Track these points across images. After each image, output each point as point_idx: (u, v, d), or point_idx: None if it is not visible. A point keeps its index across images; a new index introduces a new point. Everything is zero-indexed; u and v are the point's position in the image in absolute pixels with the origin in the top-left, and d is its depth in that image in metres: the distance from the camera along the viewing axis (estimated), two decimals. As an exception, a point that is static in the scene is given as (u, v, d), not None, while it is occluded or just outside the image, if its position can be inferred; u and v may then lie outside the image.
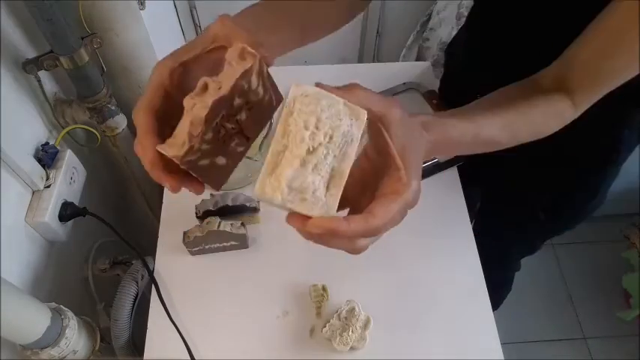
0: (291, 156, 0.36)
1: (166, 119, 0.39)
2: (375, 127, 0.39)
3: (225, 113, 0.37)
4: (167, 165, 0.38)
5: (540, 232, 0.99)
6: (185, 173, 0.38)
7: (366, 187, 0.40)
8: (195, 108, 0.35)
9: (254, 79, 0.38)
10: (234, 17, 0.45)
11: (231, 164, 0.40)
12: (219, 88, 0.35)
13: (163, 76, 0.40)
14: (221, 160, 0.39)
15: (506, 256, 1.13)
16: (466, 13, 1.36)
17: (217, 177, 0.40)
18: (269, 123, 0.82)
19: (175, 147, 0.36)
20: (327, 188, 0.37)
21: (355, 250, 0.38)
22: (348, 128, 0.37)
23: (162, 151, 0.36)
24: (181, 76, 0.41)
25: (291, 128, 0.36)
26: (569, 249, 1.74)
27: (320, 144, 0.36)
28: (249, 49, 0.37)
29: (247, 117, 0.39)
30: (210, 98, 0.35)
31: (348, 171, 0.37)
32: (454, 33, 1.40)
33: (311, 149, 0.36)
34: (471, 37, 0.85)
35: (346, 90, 0.38)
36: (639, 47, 0.46)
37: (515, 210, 0.96)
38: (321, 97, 0.37)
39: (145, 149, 0.38)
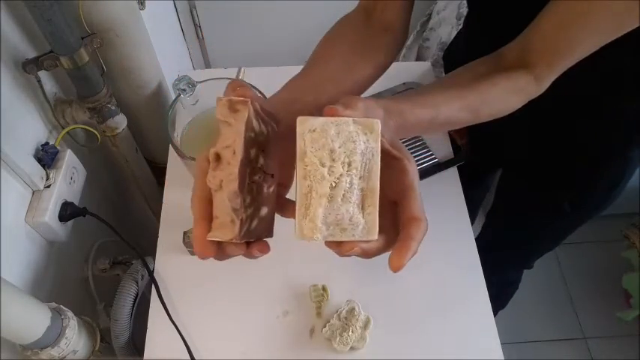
0: (317, 196, 0.36)
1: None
2: None
3: (249, 170, 0.36)
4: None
5: (565, 225, 0.98)
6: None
7: None
8: (224, 184, 0.35)
9: (255, 123, 0.37)
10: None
11: (271, 208, 0.40)
12: (234, 153, 0.35)
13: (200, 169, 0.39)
14: (264, 211, 0.39)
15: (525, 255, 1.12)
16: (466, 13, 1.36)
17: (267, 226, 0.41)
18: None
19: (226, 229, 0.35)
20: (363, 208, 0.37)
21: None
22: (365, 145, 0.37)
23: (216, 239, 0.36)
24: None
25: (309, 168, 0.36)
26: (569, 249, 1.74)
27: (341, 175, 0.36)
28: (234, 98, 0.36)
29: (264, 158, 0.39)
30: (232, 168, 0.34)
31: (378, 185, 0.38)
32: (454, 33, 1.40)
33: (333, 185, 0.36)
34: (468, 44, 0.85)
35: (348, 106, 0.38)
36: (596, 18, 0.47)
37: (538, 207, 0.95)
38: (328, 127, 0.36)
39: (196, 239, 0.37)
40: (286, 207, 0.43)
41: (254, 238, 0.38)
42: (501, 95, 0.53)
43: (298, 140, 0.36)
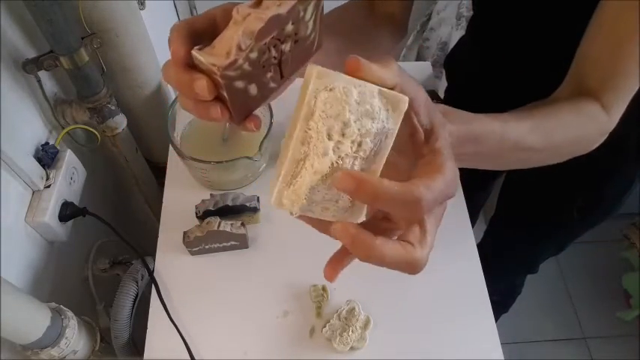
0: (311, 170, 0.30)
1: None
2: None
3: (274, 36, 0.32)
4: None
5: (572, 232, 0.96)
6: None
7: None
8: (249, 19, 0.30)
9: (310, 9, 0.33)
10: None
11: (259, 98, 0.35)
12: (279, 5, 0.31)
13: (218, 7, 0.35)
14: (253, 90, 0.34)
15: (530, 260, 1.11)
16: (466, 13, 1.36)
17: (244, 107, 0.35)
18: (270, 122, 0.82)
19: (217, 57, 0.31)
20: None
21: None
22: (382, 124, 0.31)
23: (200, 57, 0.31)
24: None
25: (311, 134, 0.30)
26: (569, 249, 1.73)
27: (346, 155, 0.31)
28: None
29: (290, 49, 0.34)
30: (268, 12, 0.30)
31: (379, 171, 0.32)
32: (454, 33, 1.40)
33: (335, 164, 0.30)
34: (472, 49, 0.84)
35: (382, 64, 0.31)
36: None
37: (545, 214, 0.94)
38: (349, 91, 0.29)
39: (176, 41, 0.32)
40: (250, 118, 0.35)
41: (228, 96, 0.33)
42: (574, 117, 0.47)
43: (307, 94, 0.29)
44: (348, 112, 0.30)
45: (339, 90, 0.29)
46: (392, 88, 0.31)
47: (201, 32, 0.34)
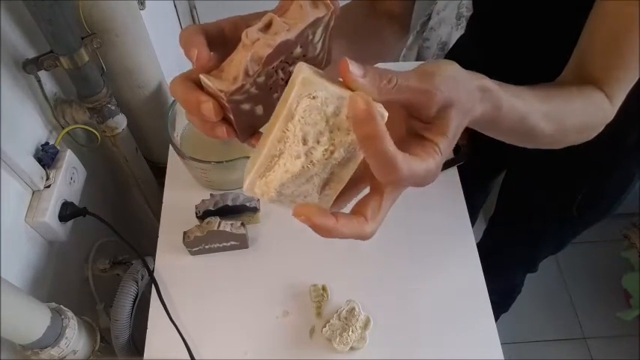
0: (284, 168, 0.32)
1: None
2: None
3: (282, 59, 0.33)
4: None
5: (571, 230, 0.96)
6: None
7: None
8: (258, 44, 0.31)
9: (319, 32, 0.33)
10: None
11: (265, 117, 0.36)
12: (288, 30, 0.31)
13: (227, 19, 0.36)
14: (259, 110, 0.35)
15: (529, 259, 1.11)
16: (466, 13, 1.36)
17: (250, 126, 0.36)
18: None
19: (224, 82, 0.32)
20: (323, 188, 0.34)
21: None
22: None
23: (208, 82, 0.32)
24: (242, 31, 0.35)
25: (289, 135, 0.31)
26: (569, 249, 1.72)
27: (318, 161, 0.32)
28: None
29: None
30: (276, 38, 0.31)
31: (348, 178, 0.34)
32: (454, 33, 1.40)
33: (306, 168, 0.32)
34: (472, 47, 0.84)
35: (386, 85, 0.31)
36: None
37: (544, 212, 0.93)
38: (329, 101, 0.30)
39: (199, 45, 0.32)
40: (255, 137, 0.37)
41: (235, 119, 0.34)
42: (585, 106, 0.47)
43: (291, 97, 0.30)
44: (325, 122, 0.31)
45: (320, 99, 0.30)
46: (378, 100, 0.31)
47: (210, 40, 0.34)
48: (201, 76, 0.32)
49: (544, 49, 0.67)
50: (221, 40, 0.35)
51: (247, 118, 0.35)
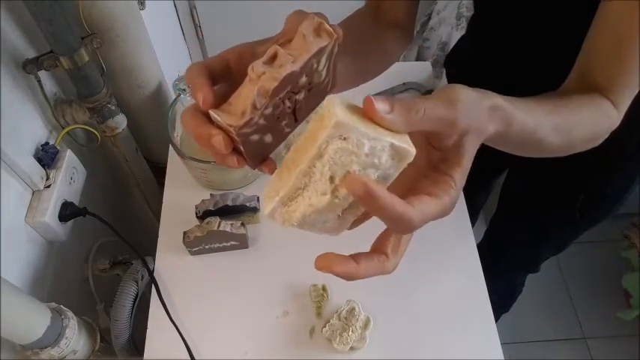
0: (308, 201, 0.32)
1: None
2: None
3: (288, 90, 0.34)
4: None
5: (573, 231, 0.96)
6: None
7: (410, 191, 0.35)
8: (264, 78, 0.32)
9: (323, 60, 0.34)
10: None
11: (274, 143, 0.37)
12: (293, 62, 0.32)
13: (232, 51, 0.37)
14: (268, 138, 0.36)
15: (530, 260, 1.11)
16: (466, 13, 1.36)
17: (259, 154, 0.37)
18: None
19: (233, 116, 0.32)
20: (342, 213, 0.34)
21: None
22: (384, 171, 0.32)
23: (217, 117, 0.32)
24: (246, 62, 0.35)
25: (315, 171, 0.31)
26: (569, 249, 1.73)
27: (343, 197, 0.32)
28: (327, 25, 0.33)
29: (304, 97, 0.36)
30: (282, 71, 0.32)
31: None
32: (454, 33, 1.40)
33: (330, 204, 0.32)
34: (472, 48, 0.84)
35: (414, 116, 0.31)
36: None
37: (545, 213, 0.93)
38: (361, 144, 0.30)
39: (204, 87, 0.33)
40: (265, 163, 0.38)
41: (245, 149, 0.35)
42: (592, 115, 0.47)
43: (321, 138, 0.30)
44: (355, 164, 0.31)
45: (352, 142, 0.30)
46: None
47: (215, 74, 0.35)
48: (211, 112, 0.33)
49: (545, 50, 0.67)
50: (227, 72, 0.36)
51: (257, 147, 0.36)
